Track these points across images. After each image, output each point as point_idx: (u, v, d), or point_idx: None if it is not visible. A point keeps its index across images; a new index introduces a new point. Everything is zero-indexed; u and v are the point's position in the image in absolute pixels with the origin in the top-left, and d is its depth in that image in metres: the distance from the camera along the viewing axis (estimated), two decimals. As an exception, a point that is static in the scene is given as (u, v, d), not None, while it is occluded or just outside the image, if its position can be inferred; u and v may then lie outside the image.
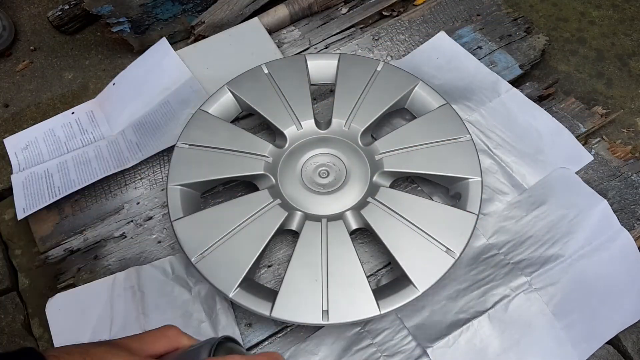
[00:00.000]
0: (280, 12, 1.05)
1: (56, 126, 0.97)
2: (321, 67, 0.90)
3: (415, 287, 0.68)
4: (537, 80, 0.98)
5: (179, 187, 0.79)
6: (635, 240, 0.75)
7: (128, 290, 0.75)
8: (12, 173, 0.91)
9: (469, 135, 0.80)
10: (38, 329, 0.78)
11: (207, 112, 0.86)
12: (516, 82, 0.95)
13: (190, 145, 0.82)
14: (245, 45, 1.01)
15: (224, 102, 0.88)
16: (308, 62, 0.90)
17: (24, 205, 0.85)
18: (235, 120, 0.91)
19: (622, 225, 0.76)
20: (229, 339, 0.42)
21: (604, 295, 0.72)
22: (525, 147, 0.85)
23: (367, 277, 0.70)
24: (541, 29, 1.07)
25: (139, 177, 0.89)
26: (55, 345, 0.72)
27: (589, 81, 1.01)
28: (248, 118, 0.95)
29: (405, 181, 0.86)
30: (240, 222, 0.74)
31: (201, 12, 1.08)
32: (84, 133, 0.95)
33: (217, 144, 0.82)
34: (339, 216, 0.76)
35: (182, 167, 0.80)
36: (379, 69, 0.88)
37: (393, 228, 0.73)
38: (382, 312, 0.67)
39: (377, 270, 0.78)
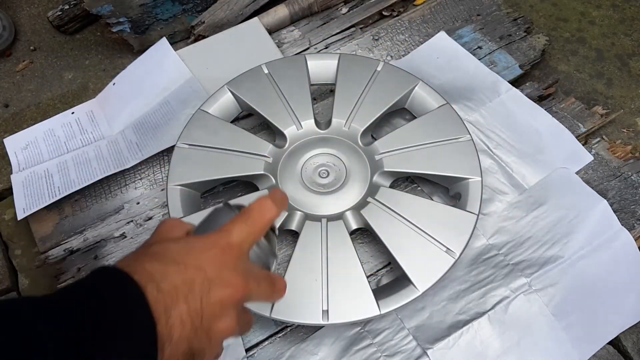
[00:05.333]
0: (280, 12, 1.05)
1: (56, 126, 0.96)
2: (321, 67, 0.90)
3: (415, 287, 0.68)
4: (537, 80, 0.98)
5: (179, 187, 0.79)
6: (635, 240, 0.75)
7: (128, 291, 0.75)
8: (12, 173, 0.91)
9: (469, 135, 0.80)
10: (38, 329, 0.78)
11: (207, 112, 0.86)
12: (516, 82, 0.95)
13: (190, 145, 0.82)
14: (245, 45, 1.01)
15: (224, 102, 0.88)
16: (308, 62, 0.90)
17: (23, 205, 0.85)
18: (235, 120, 0.91)
19: (622, 225, 0.76)
20: (226, 204, 0.44)
21: (604, 296, 0.72)
22: (525, 147, 0.85)
23: (367, 277, 0.70)
24: (541, 29, 1.07)
25: (139, 177, 0.89)
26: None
27: (589, 81, 1.01)
28: (248, 118, 0.95)
29: (405, 181, 0.86)
30: (240, 222, 0.74)
31: (201, 12, 1.08)
32: (84, 133, 0.95)
33: (217, 144, 0.82)
34: (339, 216, 0.76)
35: (182, 167, 0.80)
36: (379, 69, 0.88)
37: (393, 228, 0.73)
38: (382, 312, 0.67)
39: (377, 270, 0.78)
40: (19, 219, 0.83)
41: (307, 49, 1.03)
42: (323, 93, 0.98)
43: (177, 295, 0.33)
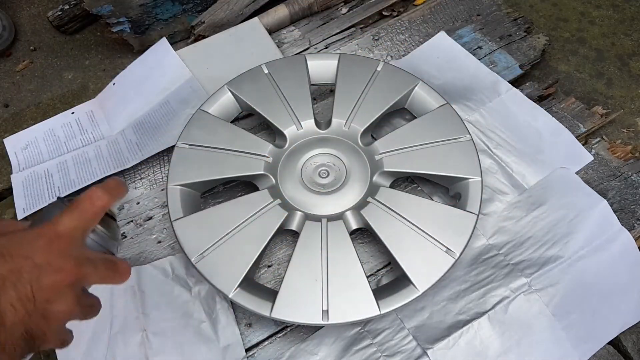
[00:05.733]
0: (280, 12, 1.05)
1: (56, 126, 0.97)
2: (321, 67, 0.90)
3: (415, 287, 0.68)
4: (537, 80, 0.98)
5: (179, 187, 0.79)
6: (635, 240, 0.75)
7: (128, 290, 0.75)
8: (12, 173, 0.91)
9: (469, 135, 0.80)
10: (38, 329, 0.78)
11: (207, 112, 0.86)
12: (516, 82, 0.95)
13: (190, 145, 0.82)
14: (245, 45, 1.01)
15: (224, 102, 0.88)
16: (308, 62, 0.90)
17: (24, 205, 0.85)
18: (235, 120, 0.91)
19: (622, 225, 0.76)
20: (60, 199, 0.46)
21: (604, 296, 0.72)
22: (525, 147, 0.85)
23: (367, 277, 0.70)
24: (541, 29, 1.07)
25: (139, 177, 0.89)
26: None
27: (589, 81, 1.01)
28: (248, 118, 0.95)
29: (405, 181, 0.86)
30: (240, 222, 0.74)
31: (201, 12, 1.08)
32: (84, 133, 0.95)
33: (217, 144, 0.82)
34: (339, 216, 0.76)
35: (182, 167, 0.80)
36: (379, 69, 0.88)
37: (393, 228, 0.73)
38: (382, 312, 0.67)
39: (377, 270, 0.78)
40: (19, 219, 0.83)
41: (307, 49, 1.03)
42: (323, 93, 0.98)
43: (4, 283, 0.35)
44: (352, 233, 0.76)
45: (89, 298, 0.43)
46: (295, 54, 1.02)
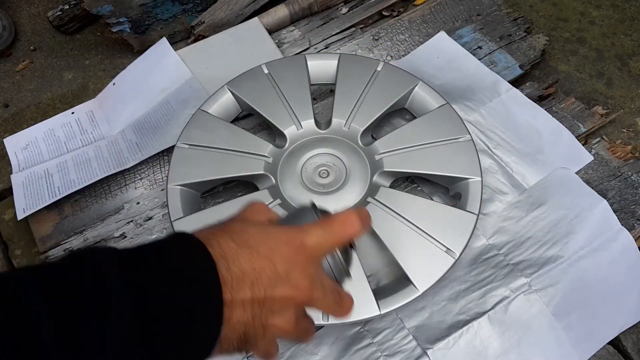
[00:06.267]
0: (280, 12, 1.05)
1: (56, 126, 0.96)
2: (321, 67, 0.90)
3: (415, 287, 0.68)
4: (537, 80, 0.98)
5: (179, 187, 0.79)
6: (635, 240, 0.75)
7: (128, 291, 0.75)
8: (12, 173, 0.91)
9: (469, 135, 0.80)
10: (38, 329, 0.77)
11: (207, 112, 0.86)
12: (516, 82, 0.95)
13: (190, 145, 0.82)
14: (245, 45, 1.01)
15: (224, 102, 0.88)
16: (308, 62, 0.90)
17: (23, 205, 0.85)
18: (235, 120, 0.91)
19: (622, 225, 0.76)
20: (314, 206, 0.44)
21: (604, 296, 0.72)
22: (525, 147, 0.85)
23: (367, 277, 0.70)
24: (541, 29, 1.07)
25: (139, 177, 0.89)
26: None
27: (589, 81, 1.01)
28: (248, 118, 0.95)
29: (405, 181, 0.86)
30: (240, 222, 0.74)
31: (201, 12, 1.08)
32: (84, 133, 0.95)
33: (217, 144, 0.82)
34: (339, 216, 0.76)
35: (182, 167, 0.80)
36: (379, 69, 0.88)
37: (393, 228, 0.73)
38: (382, 312, 0.67)
39: (377, 270, 0.78)
40: (19, 219, 0.83)
41: (307, 49, 1.03)
42: (323, 93, 0.98)
43: (244, 280, 0.34)
44: (352, 233, 0.75)
45: (307, 321, 0.42)
46: (295, 54, 1.02)
